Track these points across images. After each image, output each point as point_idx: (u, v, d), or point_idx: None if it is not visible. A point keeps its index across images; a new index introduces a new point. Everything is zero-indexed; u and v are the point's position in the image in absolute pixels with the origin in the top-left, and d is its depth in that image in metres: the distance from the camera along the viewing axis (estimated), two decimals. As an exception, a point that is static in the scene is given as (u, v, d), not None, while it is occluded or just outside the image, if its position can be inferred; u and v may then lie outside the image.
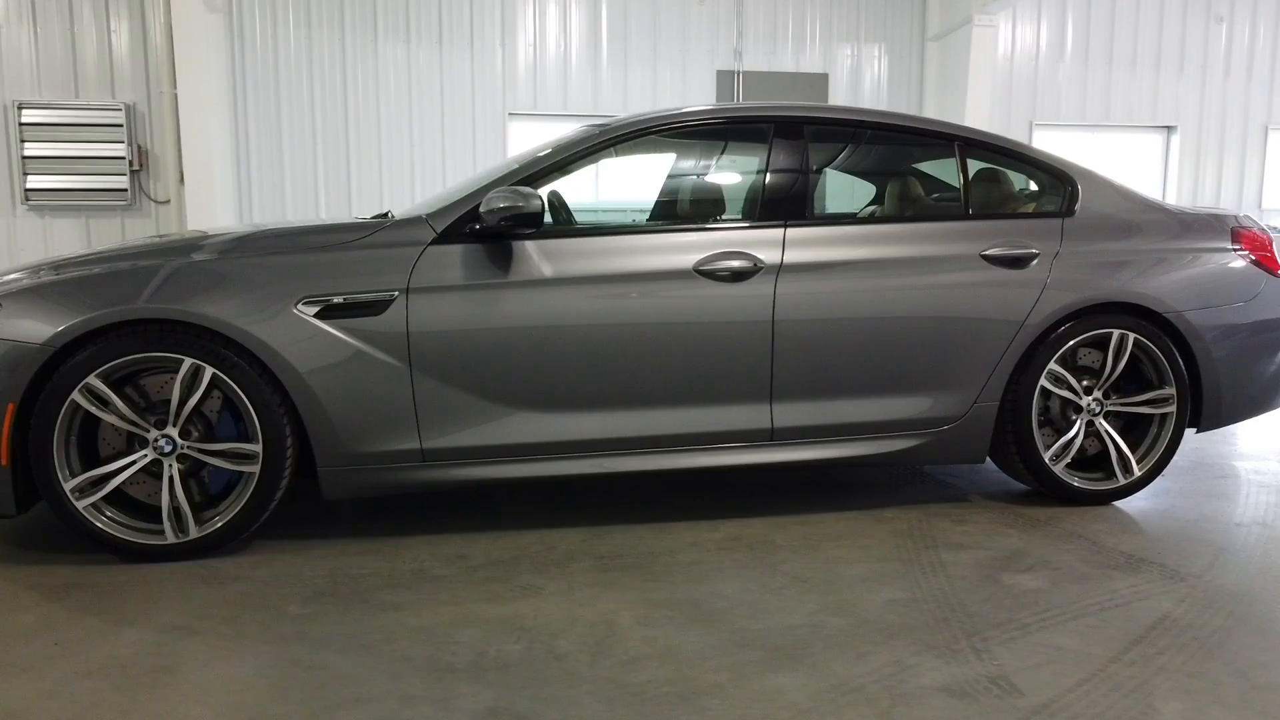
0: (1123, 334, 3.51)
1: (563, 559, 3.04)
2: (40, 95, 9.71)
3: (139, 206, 9.95)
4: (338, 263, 3.05)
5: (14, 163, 9.64)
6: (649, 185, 3.93)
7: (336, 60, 10.30)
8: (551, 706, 2.11)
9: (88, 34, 9.78)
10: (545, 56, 10.84)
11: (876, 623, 2.55)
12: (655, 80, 11.06)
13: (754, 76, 11.24)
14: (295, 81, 10.24)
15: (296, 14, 10.19)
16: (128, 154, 9.78)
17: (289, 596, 2.73)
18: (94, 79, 9.83)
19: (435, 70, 10.51)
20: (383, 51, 10.39)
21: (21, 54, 9.66)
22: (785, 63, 11.34)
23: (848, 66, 11.53)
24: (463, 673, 2.26)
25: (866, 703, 2.13)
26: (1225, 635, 2.48)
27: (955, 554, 3.09)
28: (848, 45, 11.49)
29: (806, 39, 11.36)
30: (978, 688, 2.19)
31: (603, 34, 10.93)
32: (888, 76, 11.61)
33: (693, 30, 11.09)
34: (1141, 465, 3.59)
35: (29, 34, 9.65)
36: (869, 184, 4.10)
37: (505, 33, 10.68)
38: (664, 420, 3.25)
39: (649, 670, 2.28)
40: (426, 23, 10.47)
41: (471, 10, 10.56)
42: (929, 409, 3.41)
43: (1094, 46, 11.98)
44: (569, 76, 10.90)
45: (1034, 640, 2.45)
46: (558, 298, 3.13)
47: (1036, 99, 11.93)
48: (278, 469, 2.99)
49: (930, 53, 11.54)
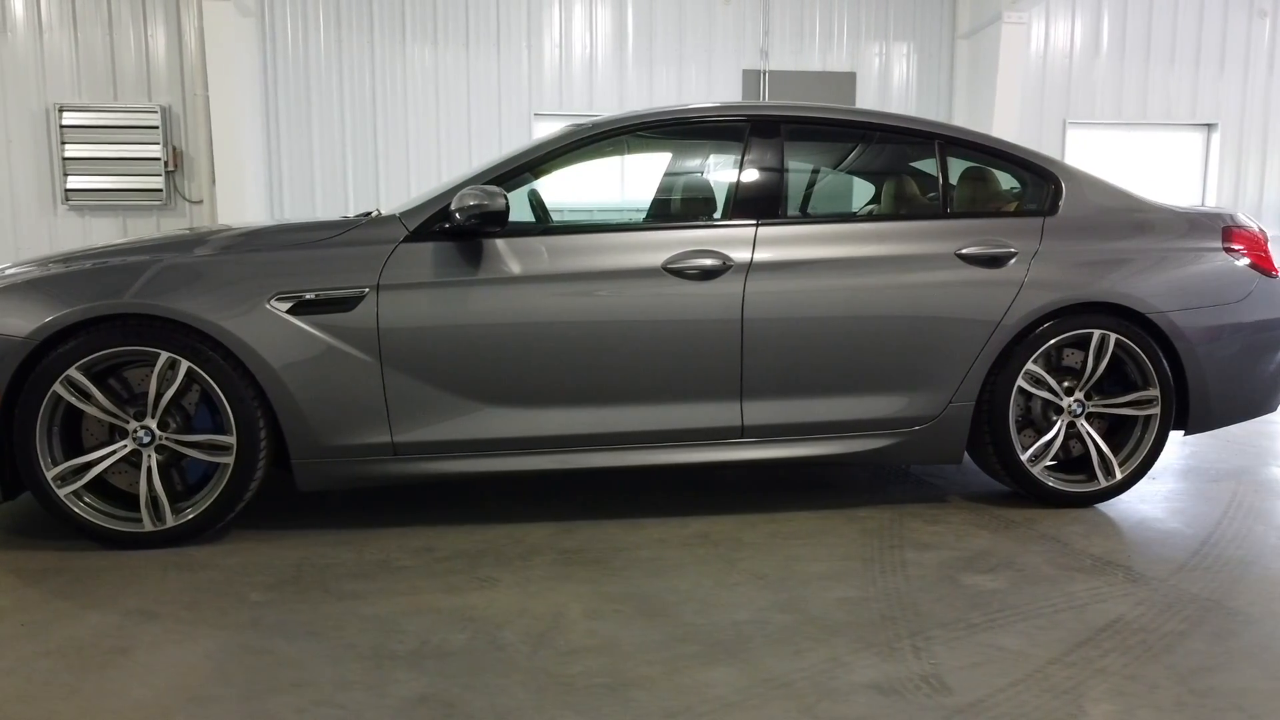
0: (1103, 335, 3.46)
1: (527, 552, 3.09)
2: (80, 98, 10.00)
3: (174, 206, 10.20)
4: (311, 260, 3.13)
5: (55, 164, 9.94)
6: (644, 185, 3.96)
7: (365, 62, 10.47)
8: (480, 694, 2.15)
9: (126, 38, 10.05)
10: (571, 57, 10.91)
11: (822, 620, 2.56)
12: (680, 80, 11.07)
13: (780, 76, 11.20)
14: (325, 83, 10.42)
15: (326, 17, 10.38)
16: (163, 155, 10.04)
17: (253, 584, 2.81)
18: (131, 82, 10.10)
19: (462, 71, 10.64)
20: (410, 53, 10.54)
21: (63, 58, 9.96)
22: (812, 62, 11.29)
23: (876, 65, 11.44)
24: (402, 660, 2.32)
25: (792, 697, 2.14)
26: (1176, 640, 2.44)
27: (920, 553, 3.08)
28: (876, 44, 11.40)
29: (833, 37, 11.30)
30: (908, 685, 2.19)
31: (628, 34, 10.98)
32: (917, 75, 11.51)
33: (719, 29, 11.09)
34: (1124, 468, 3.54)
35: (70, 39, 9.94)
36: (847, 183, 4.09)
37: (531, 33, 10.77)
38: (634, 417, 3.27)
39: (585, 662, 2.32)
40: (454, 24, 10.60)
41: (498, 11, 10.66)
42: (903, 409, 3.40)
43: (1131, 42, 11.75)
44: (594, 77, 10.96)
45: (978, 640, 2.44)
46: (526, 295, 3.17)
47: (1070, 97, 11.74)
48: (251, 461, 3.07)
49: (960, 51, 11.41)
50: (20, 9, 9.87)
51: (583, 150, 3.43)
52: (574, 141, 3.38)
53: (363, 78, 10.48)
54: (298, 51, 10.37)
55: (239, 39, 9.70)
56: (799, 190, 3.60)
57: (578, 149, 3.39)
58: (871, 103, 11.40)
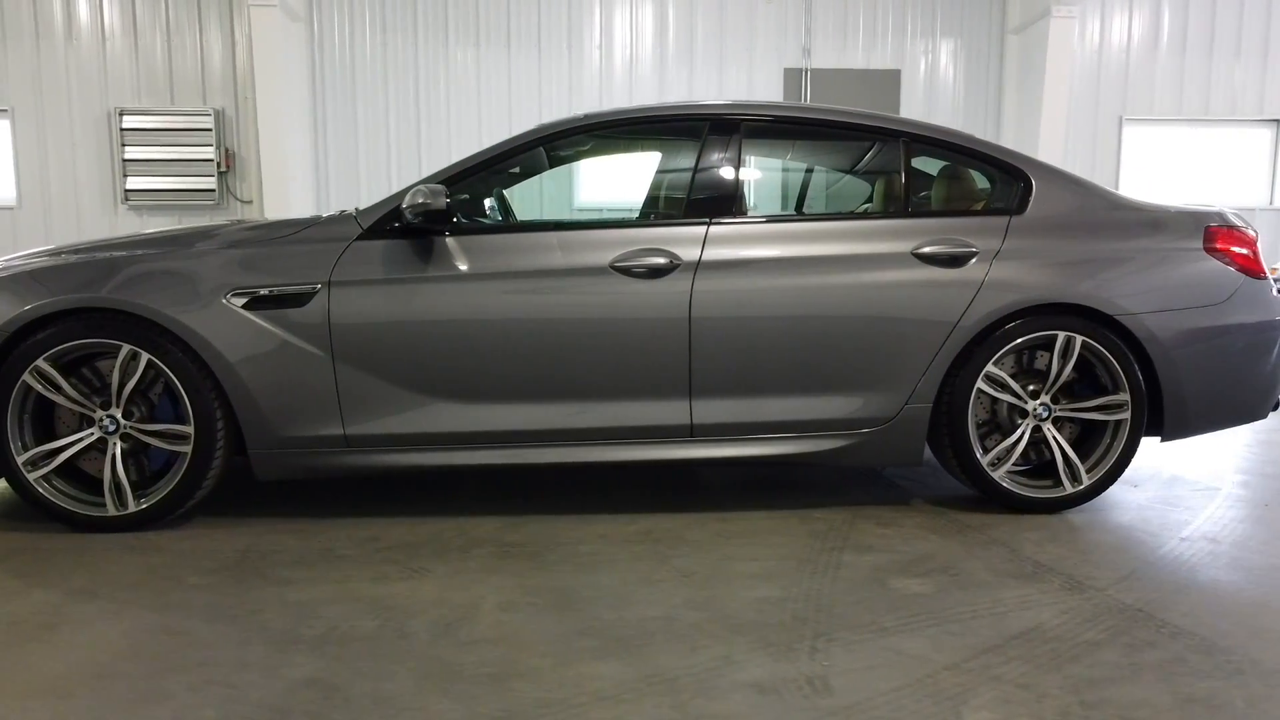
0: (1068, 337, 3.37)
1: (468, 545, 3.14)
2: (139, 102, 10.44)
3: (226, 205, 10.57)
4: (268, 257, 3.24)
5: (116, 165, 10.40)
6: (636, 185, 3.99)
7: (409, 63, 10.70)
8: (367, 679, 2.21)
9: (183, 45, 10.45)
10: (611, 57, 10.98)
11: (732, 619, 2.56)
12: (721, 80, 11.06)
13: (822, 74, 11.11)
14: (370, 84, 10.69)
15: (372, 20, 10.63)
16: (216, 156, 10.42)
17: (196, 568, 2.92)
18: (187, 87, 10.50)
19: (503, 71, 10.79)
20: (453, 55, 10.74)
21: (124, 64, 10.41)
22: (855, 59, 11.16)
23: (921, 62, 11.26)
24: (306, 645, 2.39)
25: (670, 694, 2.15)
26: (1087, 650, 2.38)
27: (859, 556, 3.05)
28: (922, 40, 11.22)
29: (878, 34, 11.15)
30: (790, 686, 2.18)
31: (669, 34, 11.00)
32: (964, 72, 11.29)
33: (760, 28, 11.04)
34: (1092, 474, 3.44)
35: (131, 46, 10.39)
36: (808, 182, 4.06)
37: (571, 34, 10.87)
38: (583, 414, 3.31)
39: (480, 652, 2.36)
40: (495, 26, 10.76)
41: (539, 14, 10.79)
42: (857, 409, 3.36)
43: (1193, 35, 11.34)
44: (635, 78, 11.01)
45: (881, 644, 2.41)
46: (473, 293, 3.23)
47: (1127, 92, 11.39)
48: (209, 450, 3.20)
49: (1010, 46, 11.16)
50: (86, 18, 10.33)
51: (540, 150, 3.47)
52: (530, 141, 3.43)
53: (407, 79, 10.72)
54: (344, 54, 10.65)
55: (288, 43, 10.01)
56: (756, 189, 3.59)
57: (533, 149, 3.44)
58: (918, 101, 11.24)
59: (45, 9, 10.28)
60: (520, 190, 3.98)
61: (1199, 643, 2.41)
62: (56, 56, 10.34)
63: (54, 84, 10.36)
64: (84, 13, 10.33)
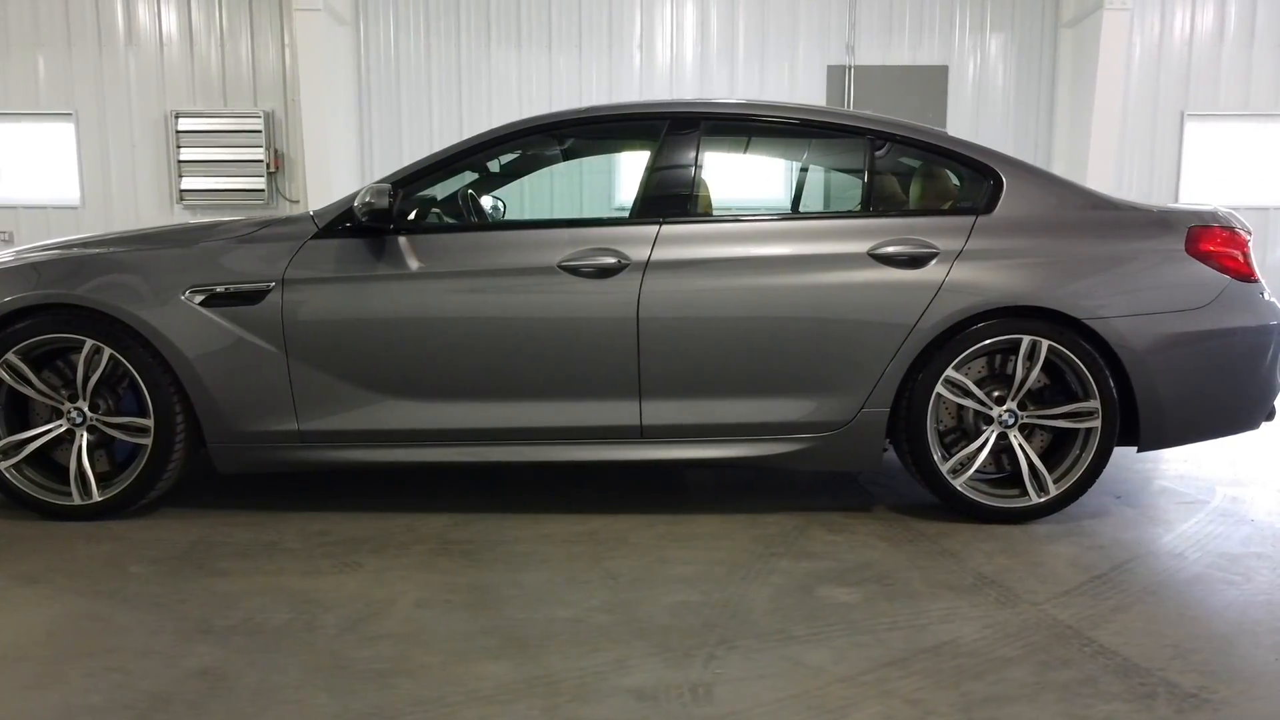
0: (1034, 341, 3.25)
1: (411, 541, 3.17)
2: (194, 105, 10.79)
3: (275, 206, 10.85)
4: (226, 255, 3.31)
5: (171, 166, 10.76)
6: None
7: (452, 65, 10.84)
8: (256, 671, 2.25)
9: (235, 49, 10.76)
10: (653, 57, 10.96)
11: (641, 623, 2.53)
12: (762, 78, 10.95)
13: (867, 71, 10.91)
14: (414, 86, 10.85)
15: (416, 23, 10.80)
16: (266, 157, 10.70)
17: (142, 557, 3.01)
18: (239, 90, 10.81)
19: (544, 73, 10.86)
20: (495, 56, 10.84)
21: (180, 69, 10.77)
22: (901, 55, 10.93)
23: (970, 58, 10.97)
24: (214, 635, 2.44)
25: (547, 696, 2.14)
26: (996, 667, 2.29)
27: (796, 562, 2.98)
28: (971, 35, 10.93)
29: (924, 29, 10.90)
30: (671, 693, 2.15)
31: (711, 33, 10.94)
32: (1016, 67, 10.96)
33: (802, 25, 10.90)
34: (1059, 484, 3.31)
35: (187, 50, 10.74)
36: (769, 180, 3.98)
37: (613, 35, 10.88)
38: (533, 413, 3.30)
39: (379, 647, 2.38)
40: (536, 27, 10.83)
41: (580, 14, 10.83)
42: (811, 413, 3.29)
43: (1262, 27, 10.82)
44: (676, 77, 10.97)
45: (784, 653, 2.36)
46: (421, 291, 3.26)
47: (1190, 87, 10.92)
48: (169, 443, 3.29)
49: (1064, 40, 10.80)
50: (144, 25, 10.72)
51: (497, 150, 3.49)
52: (486, 142, 3.44)
53: (450, 80, 10.86)
54: (389, 57, 10.85)
55: (334, 47, 10.22)
56: (714, 188, 3.53)
57: (489, 149, 3.45)
58: (967, 98, 10.96)
59: (108, 17, 10.69)
60: (555, 189, 3.99)
61: (1119, 664, 2.30)
62: (118, 62, 10.74)
63: (115, 88, 10.76)
64: (143, 19, 10.71)
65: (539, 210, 9.57)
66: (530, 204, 9.84)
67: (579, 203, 10.12)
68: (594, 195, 10.26)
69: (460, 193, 3.77)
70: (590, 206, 10.22)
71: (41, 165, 11.03)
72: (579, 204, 10.13)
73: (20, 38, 10.70)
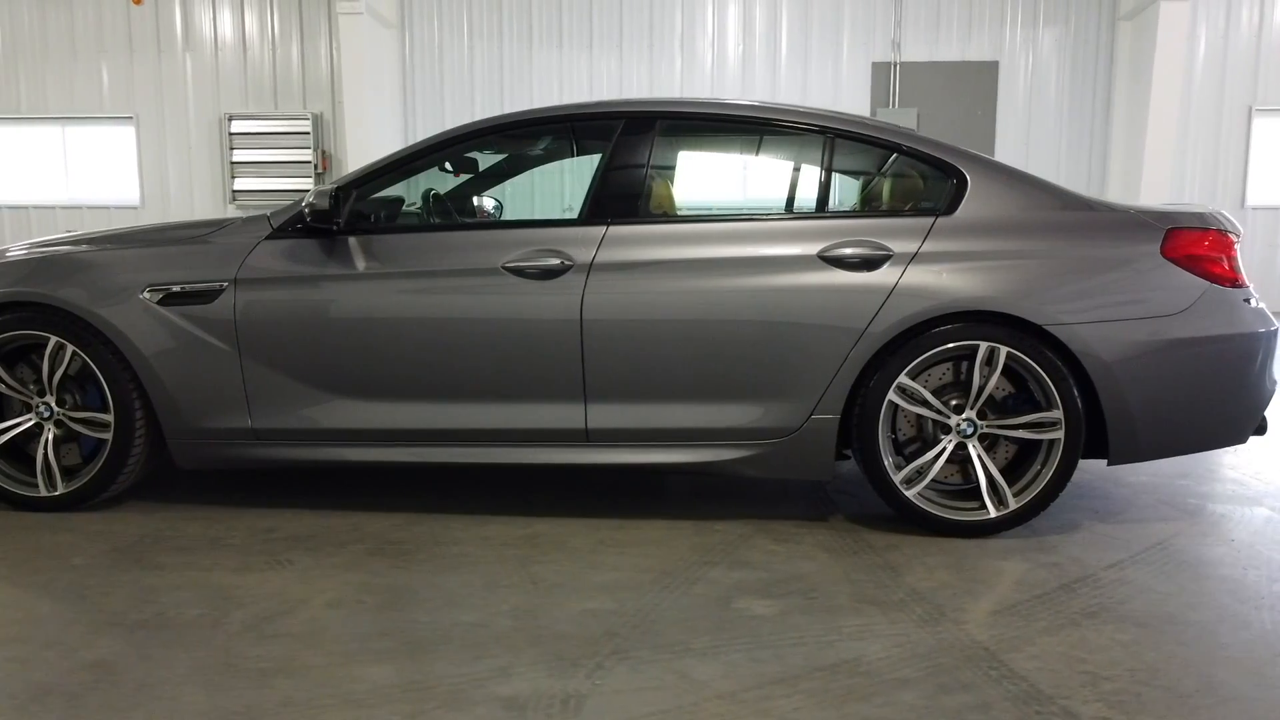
0: (992, 347, 3.11)
1: (352, 540, 3.19)
2: (247, 108, 11.10)
3: (323, 205, 11.08)
4: (183, 255, 3.38)
5: (225, 167, 11.09)
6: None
7: (495, 67, 10.94)
8: (147, 665, 2.28)
9: (287, 53, 11.05)
10: (694, 57, 10.89)
11: (542, 630, 2.50)
12: (805, 77, 10.79)
13: (913, 68, 10.67)
14: (458, 86, 11.00)
15: (459, 25, 10.94)
16: (314, 159, 10.95)
17: (87, 550, 3.09)
18: (290, 92, 11.09)
19: (584, 73, 10.89)
20: (537, 56, 10.91)
21: (234, 72, 11.09)
22: (949, 51, 10.67)
23: (1022, 53, 10.64)
24: (122, 628, 2.49)
25: (416, 702, 2.12)
26: (889, 688, 2.19)
27: (727, 572, 2.91)
28: (1023, 28, 10.61)
29: (974, 24, 10.62)
30: (541, 703, 2.11)
31: (755, 31, 10.82)
32: (1071, 62, 10.60)
33: (847, 21, 10.72)
34: (1019, 497, 3.17)
35: (240, 54, 11.05)
36: (724, 180, 3.89)
37: (654, 34, 10.85)
38: (480, 414, 3.29)
39: (273, 647, 2.39)
40: (578, 28, 10.86)
41: (621, 14, 10.82)
42: (759, 419, 3.21)
43: (1338, 17, 10.26)
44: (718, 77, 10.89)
45: (675, 666, 2.30)
46: (368, 292, 3.27)
47: (1258, 81, 10.43)
48: (128, 438, 3.37)
49: (1122, 34, 10.41)
50: (200, 31, 11.07)
51: (451, 151, 3.49)
52: (439, 144, 3.44)
53: (492, 81, 10.97)
54: (434, 59, 11.00)
55: (379, 50, 10.42)
56: (668, 189, 3.47)
57: (443, 151, 3.45)
58: (1019, 95, 10.64)
59: (167, 23, 11.08)
60: (512, 191, 3.99)
61: (1023, 691, 2.18)
62: (176, 67, 11.13)
63: (173, 92, 11.15)
64: (199, 25, 11.07)
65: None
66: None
67: (533, 205, 9.89)
68: (546, 196, 10.03)
69: (426, 194, 3.78)
70: (545, 208, 9.97)
71: (105, 167, 11.48)
72: (533, 206, 9.88)
73: (86, 45, 11.15)
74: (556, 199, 9.49)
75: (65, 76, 11.18)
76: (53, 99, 11.22)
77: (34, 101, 11.26)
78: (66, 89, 11.20)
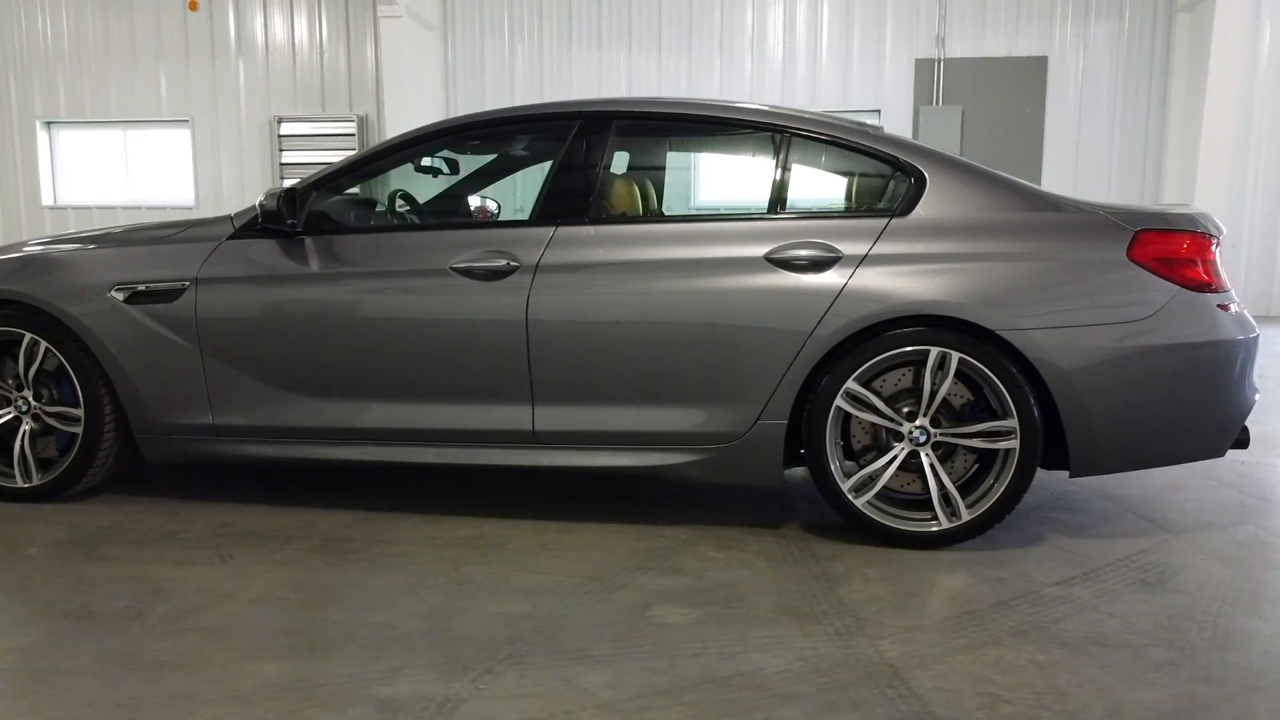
0: (943, 353, 3.01)
1: (299, 536, 3.23)
2: (295, 110, 11.36)
3: (367, 205, 11.29)
4: (149, 255, 3.47)
5: (274, 169, 11.37)
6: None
7: (534, 67, 11.01)
8: (56, 655, 2.35)
9: (335, 56, 11.28)
10: (733, 56, 10.80)
11: (447, 632, 2.49)
12: (846, 74, 10.61)
13: (958, 64, 10.41)
14: (499, 88, 11.09)
15: (500, 27, 11.03)
16: (358, 159, 11.13)
17: (46, 540, 3.19)
18: (337, 94, 11.32)
19: (623, 72, 10.88)
20: (576, 57, 10.95)
21: (283, 75, 11.37)
22: (996, 47, 10.38)
23: (1073, 47, 10.29)
24: (47, 619, 2.56)
25: (293, 700, 2.14)
26: (775, 703, 2.13)
27: (656, 579, 2.87)
28: (1074, 22, 10.26)
29: (1021, 18, 10.31)
30: (417, 707, 2.11)
31: (797, 29, 10.69)
32: (1125, 56, 10.22)
33: (890, 17, 10.51)
34: (973, 509, 3.06)
35: (290, 57, 11.32)
36: (676, 181, 3.82)
37: (693, 35, 10.79)
38: (431, 415, 3.31)
39: (181, 641, 2.44)
40: (616, 28, 10.86)
41: (660, 13, 10.79)
42: (703, 423, 3.16)
43: None
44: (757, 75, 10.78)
45: (564, 673, 2.27)
46: (322, 292, 3.32)
47: (1328, 74, 9.89)
48: (98, 432, 3.47)
49: (1180, 26, 9.99)
50: (252, 35, 11.37)
51: (410, 153, 3.51)
52: (395, 145, 3.47)
53: (533, 82, 11.04)
54: (475, 60, 11.12)
55: (421, 51, 10.56)
56: (618, 190, 3.43)
57: (401, 152, 3.48)
58: (1070, 90, 10.30)
59: (220, 28, 11.41)
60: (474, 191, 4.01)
61: (913, 712, 2.10)
62: (229, 71, 11.45)
63: (226, 96, 11.48)
64: (251, 30, 11.37)
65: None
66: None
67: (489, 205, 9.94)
68: (501, 197, 10.05)
69: (392, 194, 3.81)
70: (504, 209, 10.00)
71: (163, 168, 11.88)
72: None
73: (145, 51, 11.55)
74: (510, 200, 9.57)
75: (126, 81, 11.60)
76: (114, 103, 11.66)
77: (97, 105, 11.71)
78: (127, 93, 11.62)
